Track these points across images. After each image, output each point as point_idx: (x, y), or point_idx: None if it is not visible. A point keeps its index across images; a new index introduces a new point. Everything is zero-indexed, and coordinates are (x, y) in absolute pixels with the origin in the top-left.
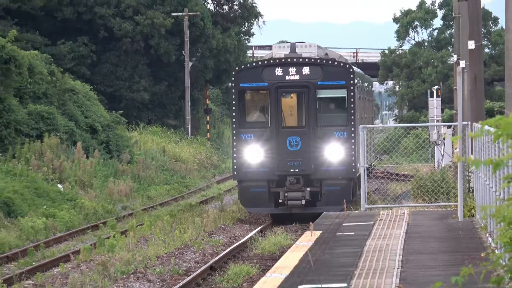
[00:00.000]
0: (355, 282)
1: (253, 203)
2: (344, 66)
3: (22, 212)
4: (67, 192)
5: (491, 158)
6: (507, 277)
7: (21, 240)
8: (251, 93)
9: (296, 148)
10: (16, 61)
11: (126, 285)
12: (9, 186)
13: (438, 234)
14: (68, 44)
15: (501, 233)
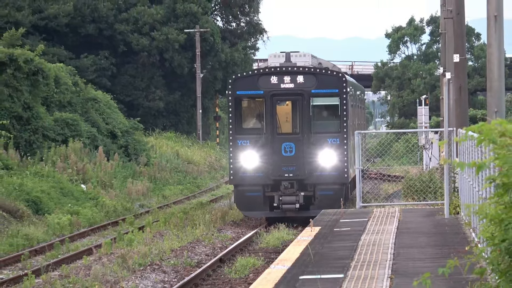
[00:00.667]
0: (351, 273)
1: (248, 207)
2: (337, 75)
3: (49, 210)
4: (90, 191)
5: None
6: (489, 269)
7: (48, 235)
8: (247, 100)
9: (290, 154)
10: (43, 72)
11: (143, 276)
12: (37, 186)
13: (426, 229)
14: (91, 58)
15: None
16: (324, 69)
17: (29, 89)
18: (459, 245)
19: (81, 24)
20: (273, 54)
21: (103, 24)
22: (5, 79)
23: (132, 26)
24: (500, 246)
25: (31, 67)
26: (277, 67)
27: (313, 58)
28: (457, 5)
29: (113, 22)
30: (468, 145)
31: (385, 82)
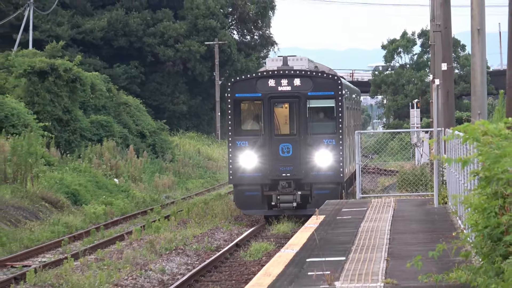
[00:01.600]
0: (352, 256)
1: (247, 206)
2: (332, 78)
3: (86, 201)
4: (122, 185)
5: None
6: (473, 252)
7: (85, 223)
8: (245, 103)
9: (287, 155)
10: (81, 80)
11: (169, 259)
12: (76, 180)
13: (418, 217)
14: (122, 67)
15: (468, 216)
16: (320, 72)
17: (68, 95)
18: (447, 231)
19: (114, 38)
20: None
21: (133, 38)
22: (47, 86)
23: (158, 39)
24: (483, 232)
25: (70, 75)
26: (275, 70)
27: (310, 62)
28: (445, 20)
29: (142, 36)
30: (454, 143)
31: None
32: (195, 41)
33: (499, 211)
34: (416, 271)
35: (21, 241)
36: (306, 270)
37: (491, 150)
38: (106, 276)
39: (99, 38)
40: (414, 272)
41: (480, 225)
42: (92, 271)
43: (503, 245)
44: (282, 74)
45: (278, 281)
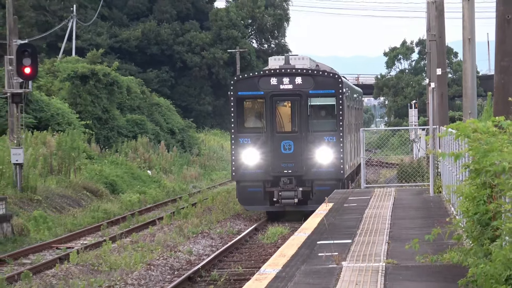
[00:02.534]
0: (357, 239)
1: (250, 202)
2: (333, 76)
3: (122, 190)
4: (154, 176)
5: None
6: (464, 236)
7: (121, 210)
8: (248, 101)
9: (289, 152)
10: (118, 83)
11: (196, 241)
12: (113, 172)
13: (415, 205)
14: (155, 72)
15: (460, 204)
16: (321, 71)
17: (107, 97)
18: (441, 217)
19: (147, 46)
20: (274, 57)
21: (164, 46)
22: (88, 89)
23: (186, 47)
24: (473, 217)
25: (109, 79)
26: (277, 69)
27: (311, 61)
28: (439, 30)
29: (172, 44)
30: (448, 139)
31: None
32: (219, 49)
33: (487, 200)
34: (414, 252)
35: (65, 226)
36: (317, 251)
37: (480, 146)
38: (140, 256)
39: (134, 46)
40: (412, 253)
41: (470, 212)
42: (128, 252)
43: (491, 230)
44: (284, 73)
45: (292, 261)
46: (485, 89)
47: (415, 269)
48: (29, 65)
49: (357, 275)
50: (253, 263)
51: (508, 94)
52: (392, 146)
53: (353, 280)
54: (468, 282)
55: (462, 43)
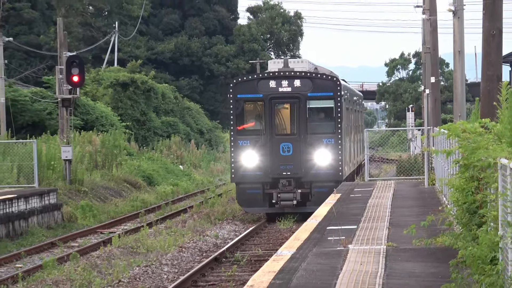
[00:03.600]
0: (361, 225)
1: (249, 203)
2: (332, 79)
3: (158, 182)
4: (185, 170)
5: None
6: (455, 222)
7: (157, 200)
8: (247, 103)
9: (288, 154)
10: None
11: (221, 227)
12: (150, 167)
13: (412, 195)
14: (186, 80)
15: (451, 195)
16: (320, 73)
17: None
18: (434, 206)
19: (179, 57)
20: (273, 60)
21: (194, 57)
22: (128, 95)
23: (213, 59)
24: (462, 206)
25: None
26: (275, 72)
27: (310, 64)
28: (433, 44)
29: (201, 56)
30: (440, 138)
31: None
32: (241, 60)
33: (474, 191)
34: (411, 237)
35: (108, 213)
36: (326, 235)
37: (469, 144)
38: (173, 240)
39: (168, 58)
40: (410, 238)
41: (460, 201)
42: (162, 236)
43: (478, 217)
44: (282, 76)
45: (305, 244)
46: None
47: (412, 251)
48: (77, 74)
49: (362, 256)
50: (271, 246)
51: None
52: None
53: (358, 261)
54: (458, 263)
55: (453, 55)
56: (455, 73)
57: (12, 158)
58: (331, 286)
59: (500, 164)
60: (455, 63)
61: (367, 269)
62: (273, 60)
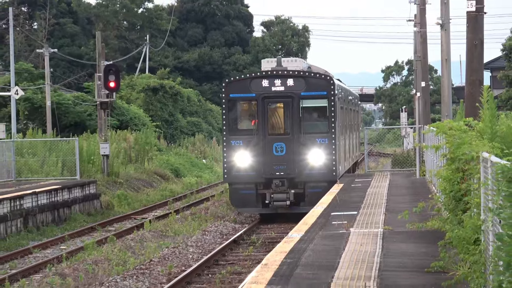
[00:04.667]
0: (361, 211)
1: (242, 204)
2: (325, 78)
3: (184, 174)
4: (208, 163)
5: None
6: (442, 208)
7: (183, 189)
8: (240, 103)
9: (281, 154)
10: (180, 94)
11: (239, 213)
12: (177, 161)
13: (405, 185)
14: (208, 85)
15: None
16: (313, 72)
17: (172, 104)
18: (425, 194)
19: (202, 65)
20: (266, 59)
21: (215, 65)
22: (158, 98)
23: (232, 67)
24: (449, 194)
25: (173, 91)
26: (268, 71)
27: (304, 63)
28: (423, 53)
29: (221, 64)
30: (430, 135)
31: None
32: (256, 68)
33: (460, 181)
34: (405, 221)
35: (141, 202)
36: (331, 220)
37: (455, 140)
38: (197, 224)
39: (193, 66)
40: (403, 222)
41: (447, 190)
42: (188, 221)
43: (463, 203)
44: (275, 75)
45: (312, 227)
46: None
47: (406, 234)
48: (113, 81)
49: (362, 238)
50: (282, 229)
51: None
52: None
53: (359, 242)
54: (445, 243)
55: (441, 62)
56: (443, 78)
57: (57, 154)
58: (335, 264)
59: (482, 157)
60: (443, 70)
61: (367, 249)
62: (267, 59)
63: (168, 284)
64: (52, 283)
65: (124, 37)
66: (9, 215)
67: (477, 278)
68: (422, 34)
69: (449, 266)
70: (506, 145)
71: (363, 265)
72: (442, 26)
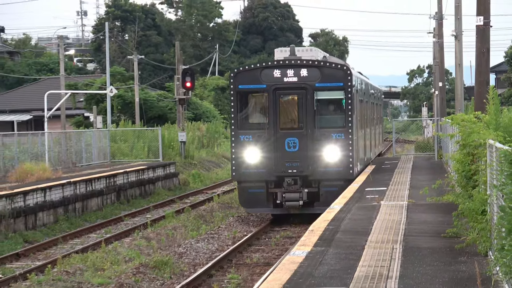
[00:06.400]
0: (390, 187)
1: (251, 204)
2: (341, 68)
3: None
4: None
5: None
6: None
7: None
8: (249, 95)
9: (294, 150)
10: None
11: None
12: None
13: (426, 166)
14: None
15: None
16: (328, 62)
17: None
18: (442, 173)
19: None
20: (280, 48)
21: None
22: (225, 95)
23: None
24: (461, 174)
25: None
26: (280, 60)
27: (320, 53)
28: (440, 59)
29: None
30: (446, 125)
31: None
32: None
33: (470, 163)
34: (425, 196)
35: (211, 179)
36: (365, 195)
37: (466, 129)
38: None
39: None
40: (424, 196)
41: (460, 170)
42: None
43: (472, 181)
44: (288, 64)
45: (349, 200)
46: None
47: (426, 206)
48: (189, 81)
49: (390, 209)
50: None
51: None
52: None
53: (388, 212)
54: (458, 214)
55: (455, 67)
56: (456, 79)
57: (144, 140)
58: (368, 230)
59: (488, 144)
60: (456, 73)
61: (394, 218)
62: (280, 48)
63: (232, 246)
64: (139, 245)
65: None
66: (105, 190)
67: (484, 242)
68: (439, 44)
69: (461, 232)
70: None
71: (391, 231)
72: (456, 37)
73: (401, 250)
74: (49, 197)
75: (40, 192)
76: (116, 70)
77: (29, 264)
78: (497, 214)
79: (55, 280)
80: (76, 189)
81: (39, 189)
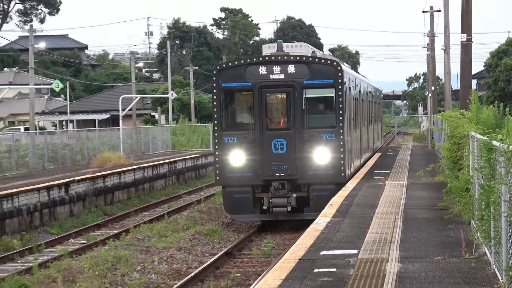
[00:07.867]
0: (393, 170)
1: (237, 210)
2: (331, 63)
3: None
4: None
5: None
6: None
7: None
8: (233, 93)
9: (281, 152)
10: None
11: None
12: None
13: (421, 153)
14: None
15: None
16: (317, 57)
17: None
18: (434, 159)
19: None
20: (268, 44)
21: None
22: None
23: None
24: (449, 159)
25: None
26: (266, 56)
27: (310, 49)
28: (433, 68)
29: None
30: (437, 121)
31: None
32: None
33: (456, 150)
34: (421, 176)
35: None
36: (373, 176)
37: (453, 124)
38: None
39: None
40: (420, 177)
41: (448, 156)
42: None
43: (458, 165)
44: (274, 60)
45: (361, 181)
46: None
47: (422, 185)
48: None
49: (393, 187)
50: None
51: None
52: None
53: (391, 190)
54: (447, 191)
55: (444, 74)
56: (445, 84)
57: (198, 134)
58: (376, 204)
59: (470, 135)
60: (445, 79)
61: (396, 195)
62: (268, 44)
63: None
64: (194, 217)
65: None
66: (167, 173)
67: (467, 213)
68: (432, 56)
69: (449, 206)
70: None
71: (393, 205)
72: (445, 50)
73: (401, 220)
74: (123, 179)
75: (116, 175)
76: (176, 79)
77: (108, 232)
78: (478, 191)
79: (128, 245)
80: (144, 173)
81: (116, 173)
